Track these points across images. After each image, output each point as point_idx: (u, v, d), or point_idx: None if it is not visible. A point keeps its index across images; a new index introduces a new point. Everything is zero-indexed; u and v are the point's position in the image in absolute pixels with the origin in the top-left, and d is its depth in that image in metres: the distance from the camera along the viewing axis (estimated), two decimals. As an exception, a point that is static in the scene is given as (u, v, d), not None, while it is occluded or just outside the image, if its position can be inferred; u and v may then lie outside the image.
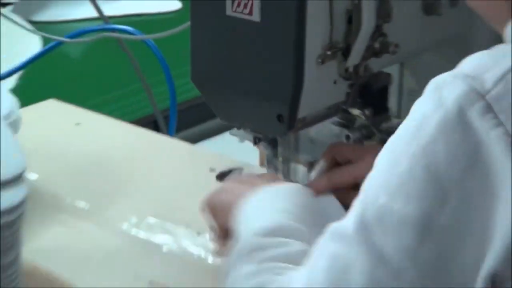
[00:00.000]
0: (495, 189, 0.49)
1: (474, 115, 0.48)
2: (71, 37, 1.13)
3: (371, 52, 0.70)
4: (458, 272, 0.50)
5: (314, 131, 0.86)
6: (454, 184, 0.49)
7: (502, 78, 0.48)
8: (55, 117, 1.02)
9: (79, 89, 1.37)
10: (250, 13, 0.70)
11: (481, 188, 0.49)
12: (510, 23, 0.53)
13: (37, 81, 1.37)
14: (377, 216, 0.51)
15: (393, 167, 0.51)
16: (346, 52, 0.70)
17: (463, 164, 0.49)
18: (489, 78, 0.49)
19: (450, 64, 0.50)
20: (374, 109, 0.78)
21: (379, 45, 0.70)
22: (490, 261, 0.48)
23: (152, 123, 1.41)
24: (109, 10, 1.60)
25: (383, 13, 0.70)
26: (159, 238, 0.77)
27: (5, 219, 0.53)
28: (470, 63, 0.51)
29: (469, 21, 0.79)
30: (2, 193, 0.53)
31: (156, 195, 0.83)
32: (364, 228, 0.51)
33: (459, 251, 0.50)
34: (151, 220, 0.78)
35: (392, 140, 0.52)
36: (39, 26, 1.50)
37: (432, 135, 0.49)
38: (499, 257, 0.48)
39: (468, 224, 0.50)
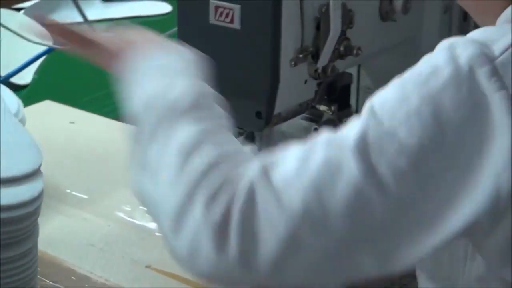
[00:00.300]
0: (490, 142, 0.54)
1: (482, 75, 0.53)
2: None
3: (337, 54, 0.78)
4: (433, 211, 0.54)
5: (285, 125, 0.91)
6: (453, 130, 0.54)
7: (508, 48, 0.54)
8: (50, 117, 1.06)
9: (73, 89, 1.39)
10: (231, 21, 0.76)
11: (476, 138, 0.54)
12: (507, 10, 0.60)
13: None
14: (379, 138, 0.53)
15: (402, 101, 0.55)
16: (315, 55, 0.77)
17: (465, 114, 0.54)
18: (497, 47, 0.54)
19: (401, 64, 0.56)
20: (338, 105, 0.86)
21: (344, 48, 0.78)
22: (469, 209, 0.53)
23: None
24: (100, 13, 1.63)
25: (347, 20, 0.78)
26: (153, 224, 0.80)
27: (26, 210, 0.58)
28: (480, 34, 0.57)
29: (419, 26, 0.88)
30: (23, 186, 0.59)
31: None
32: (364, 144, 0.53)
33: (439, 190, 0.54)
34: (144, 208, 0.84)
35: (404, 78, 0.56)
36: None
37: (443, 84, 0.54)
38: (480, 208, 0.53)
39: (457, 168, 0.54)
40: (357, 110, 0.91)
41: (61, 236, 0.69)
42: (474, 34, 0.57)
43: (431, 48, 0.57)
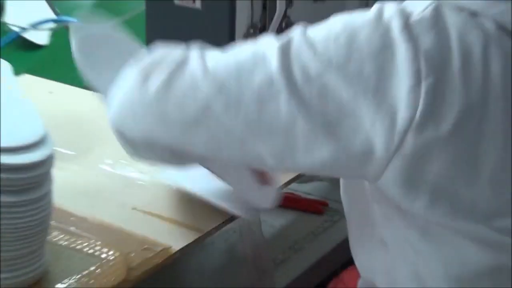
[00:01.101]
0: (389, 79, 0.65)
1: (396, 26, 0.66)
2: (35, 25, 1.27)
3: (280, 30, 0.96)
4: (327, 122, 0.67)
5: None
6: (359, 58, 0.66)
7: (422, 11, 0.67)
8: (30, 88, 1.19)
9: (50, 66, 1.50)
10: (193, 2, 0.92)
11: (377, 71, 0.66)
12: None
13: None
14: (299, 46, 0.67)
15: (329, 26, 0.68)
16: (262, 30, 0.95)
17: (373, 50, 0.66)
18: (416, 11, 0.67)
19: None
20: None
21: (285, 25, 0.96)
22: (363, 126, 0.65)
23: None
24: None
25: (288, 1, 0.95)
26: (134, 174, 0.99)
27: (44, 170, 0.75)
28: (407, 3, 0.70)
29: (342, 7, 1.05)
30: (40, 148, 0.74)
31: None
32: (287, 47, 0.67)
33: (334, 104, 0.66)
34: (123, 161, 1.00)
35: (333, 22, 0.69)
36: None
37: (364, 22, 0.67)
38: (373, 128, 0.65)
39: (354, 89, 0.66)
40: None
41: (57, 186, 0.82)
42: (405, 3, 0.71)
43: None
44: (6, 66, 1.03)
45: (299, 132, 0.67)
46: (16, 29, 1.31)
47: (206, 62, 0.69)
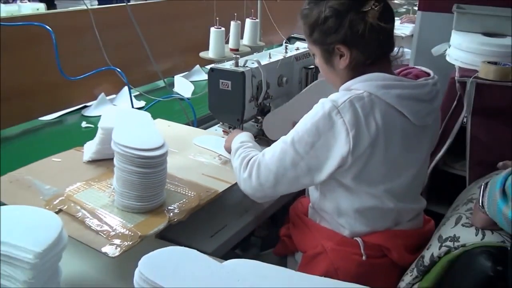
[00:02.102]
0: (334, 142, 1.32)
1: (333, 113, 1.30)
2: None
3: (261, 107, 1.90)
4: (308, 171, 1.39)
5: (245, 124, 2.18)
6: (322, 135, 1.32)
7: (344, 101, 1.30)
8: (157, 123, 2.15)
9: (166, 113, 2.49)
10: (227, 86, 1.96)
11: (330, 140, 1.32)
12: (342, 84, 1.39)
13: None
14: (296, 139, 1.35)
15: (303, 125, 1.34)
16: (256, 99, 1.91)
17: (326, 130, 1.31)
18: (341, 101, 1.29)
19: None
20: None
21: (266, 96, 1.99)
22: (326, 170, 1.36)
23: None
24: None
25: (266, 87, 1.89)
26: (202, 159, 1.84)
27: (163, 157, 1.44)
28: (334, 95, 1.32)
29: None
30: (161, 148, 1.44)
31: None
32: (292, 142, 1.36)
33: (313, 162, 1.37)
34: (198, 154, 1.85)
35: (305, 120, 1.34)
36: None
37: (319, 118, 1.31)
38: (332, 170, 1.35)
39: (320, 152, 1.34)
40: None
41: (169, 165, 1.62)
42: (332, 96, 1.33)
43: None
44: (147, 114, 1.68)
45: (299, 174, 1.42)
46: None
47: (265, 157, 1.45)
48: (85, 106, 3.07)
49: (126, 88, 2.68)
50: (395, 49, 1.40)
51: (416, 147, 1.41)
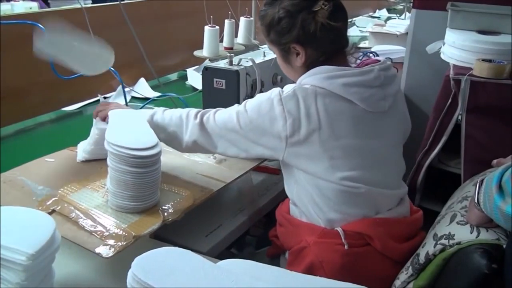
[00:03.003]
0: (270, 126, 1.45)
1: (276, 100, 1.44)
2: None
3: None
4: (248, 144, 1.52)
5: None
6: (262, 117, 1.46)
7: (289, 92, 1.44)
8: None
9: None
10: (222, 85, 1.89)
11: (268, 121, 1.45)
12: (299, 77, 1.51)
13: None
14: (242, 111, 1.49)
15: (253, 101, 1.50)
16: (250, 97, 1.85)
17: (268, 112, 1.45)
18: (286, 91, 1.44)
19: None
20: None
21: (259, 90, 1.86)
22: (259, 148, 1.50)
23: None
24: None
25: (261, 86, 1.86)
26: (197, 158, 1.86)
27: (156, 156, 1.48)
28: (285, 87, 1.46)
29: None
30: (154, 147, 1.51)
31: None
32: (238, 112, 1.50)
33: (251, 138, 1.50)
34: (192, 154, 1.89)
35: (256, 97, 1.49)
36: None
37: (264, 100, 1.46)
38: (262, 151, 1.51)
39: (258, 131, 1.48)
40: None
41: (163, 164, 1.73)
42: (284, 87, 1.47)
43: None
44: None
45: (241, 145, 1.55)
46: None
47: (215, 115, 1.57)
48: (86, 105, 3.05)
49: (120, 87, 2.69)
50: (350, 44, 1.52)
51: (375, 134, 1.47)
